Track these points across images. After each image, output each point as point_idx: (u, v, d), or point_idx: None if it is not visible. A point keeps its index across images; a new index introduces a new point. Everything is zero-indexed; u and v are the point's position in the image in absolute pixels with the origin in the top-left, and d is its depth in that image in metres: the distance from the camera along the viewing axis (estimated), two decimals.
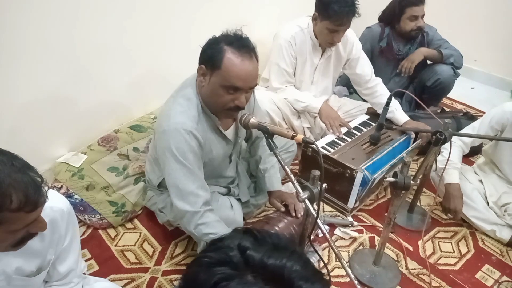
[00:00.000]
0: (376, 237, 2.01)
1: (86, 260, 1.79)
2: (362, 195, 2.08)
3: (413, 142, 2.35)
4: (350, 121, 2.45)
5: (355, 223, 2.07)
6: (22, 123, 1.88)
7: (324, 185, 1.34)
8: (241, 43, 1.49)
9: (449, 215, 2.05)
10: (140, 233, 1.98)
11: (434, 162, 1.94)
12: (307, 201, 1.31)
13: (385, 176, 2.04)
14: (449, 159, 1.82)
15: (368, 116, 2.50)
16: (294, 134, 1.38)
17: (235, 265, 0.56)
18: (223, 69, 1.46)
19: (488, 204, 2.03)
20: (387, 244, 1.91)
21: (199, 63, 1.54)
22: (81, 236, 1.84)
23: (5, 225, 0.92)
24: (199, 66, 1.54)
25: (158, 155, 1.61)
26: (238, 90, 1.49)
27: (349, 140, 2.24)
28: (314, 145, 1.35)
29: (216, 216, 1.58)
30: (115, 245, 1.90)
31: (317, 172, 1.35)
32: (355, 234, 2.02)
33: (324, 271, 1.78)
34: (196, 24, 2.37)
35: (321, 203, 1.92)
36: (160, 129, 1.55)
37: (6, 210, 0.89)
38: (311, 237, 1.49)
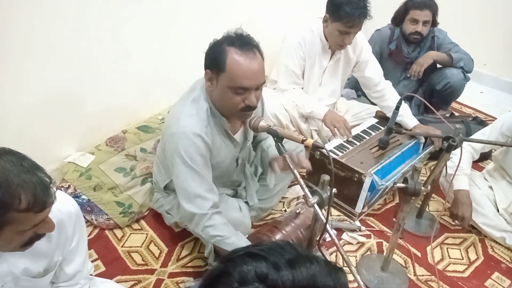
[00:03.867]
0: (384, 243, 1.99)
1: (92, 261, 1.78)
2: (372, 201, 2.06)
3: (423, 147, 2.32)
4: (358, 124, 2.44)
5: (363, 228, 2.05)
6: (30, 123, 1.88)
7: (334, 190, 1.33)
8: (242, 41, 1.45)
9: (456, 222, 2.03)
10: (147, 234, 1.97)
11: (444, 167, 1.91)
12: (316, 206, 1.29)
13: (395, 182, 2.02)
14: (459, 165, 1.80)
15: (377, 120, 2.47)
16: (304, 138, 1.36)
17: None
18: (228, 71, 1.44)
19: (498, 211, 2.01)
20: (395, 249, 1.89)
21: (204, 68, 1.52)
22: (87, 237, 1.84)
23: (13, 225, 0.92)
24: (205, 71, 1.51)
25: (167, 158, 1.61)
26: (247, 90, 1.46)
27: (358, 143, 2.22)
28: (324, 150, 1.33)
29: (223, 219, 1.57)
30: (122, 246, 1.90)
31: (326, 177, 1.33)
32: (363, 239, 2.00)
33: None
34: (203, 24, 2.36)
35: None
36: (169, 131, 1.54)
37: (15, 210, 0.90)
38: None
